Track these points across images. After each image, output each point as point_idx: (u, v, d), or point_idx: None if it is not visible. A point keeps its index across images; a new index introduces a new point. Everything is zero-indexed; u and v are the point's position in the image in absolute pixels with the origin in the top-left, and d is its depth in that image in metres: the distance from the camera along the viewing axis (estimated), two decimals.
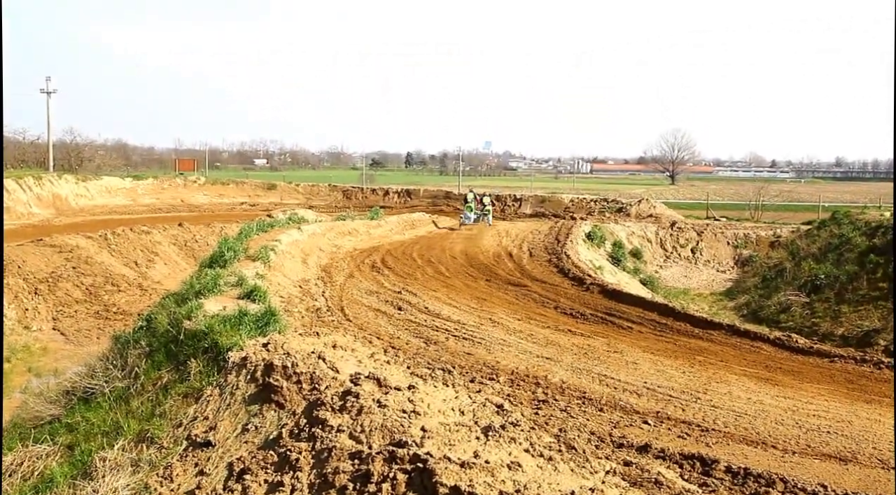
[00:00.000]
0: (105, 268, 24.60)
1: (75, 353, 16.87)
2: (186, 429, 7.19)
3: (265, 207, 43.09)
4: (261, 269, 14.61)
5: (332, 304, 14.98)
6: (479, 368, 10.81)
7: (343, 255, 21.71)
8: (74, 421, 8.70)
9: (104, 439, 7.64)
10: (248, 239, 18.89)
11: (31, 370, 15.72)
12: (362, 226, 27.37)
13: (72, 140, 66.87)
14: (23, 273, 21.98)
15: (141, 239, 28.19)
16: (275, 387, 7.02)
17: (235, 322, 9.08)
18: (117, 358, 9.93)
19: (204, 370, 8.17)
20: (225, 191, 50.14)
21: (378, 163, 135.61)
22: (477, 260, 22.16)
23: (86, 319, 21.18)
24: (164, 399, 8.05)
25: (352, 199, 49.11)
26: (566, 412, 8.98)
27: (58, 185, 40.80)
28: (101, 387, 9.27)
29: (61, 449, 8.06)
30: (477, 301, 16.23)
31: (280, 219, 25.44)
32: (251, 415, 6.95)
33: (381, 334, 12.74)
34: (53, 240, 25.38)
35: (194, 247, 29.32)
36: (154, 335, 9.82)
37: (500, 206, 43.83)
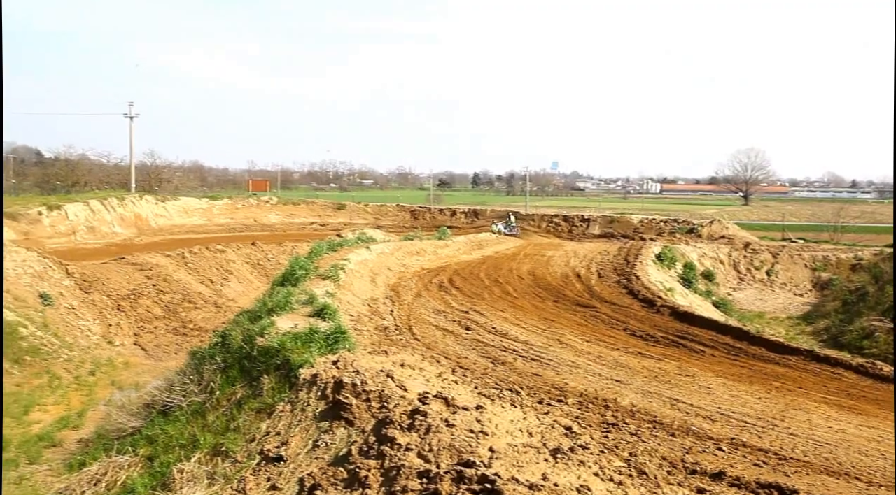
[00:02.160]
0: (182, 285, 25.37)
1: (155, 368, 17.45)
2: (259, 444, 7.35)
3: (335, 227, 43.82)
4: (331, 288, 14.86)
5: (400, 323, 15.09)
6: (547, 389, 10.73)
7: (411, 275, 21.88)
8: (154, 433, 8.99)
9: (182, 451, 7.88)
10: (319, 258, 19.24)
11: (114, 383, 16.30)
12: (430, 246, 27.55)
13: (152, 162, 69.47)
14: (107, 290, 22.88)
15: (216, 257, 29.00)
16: (344, 405, 7.13)
17: (306, 339, 9.26)
18: (194, 373, 10.24)
19: (276, 386, 8.35)
20: (296, 211, 51.17)
21: (445, 183, 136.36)
22: (545, 280, 22.03)
23: (164, 335, 21.90)
24: (238, 413, 8.25)
25: (419, 219, 49.49)
26: (637, 436, 8.82)
27: (139, 206, 42.34)
28: (178, 401, 9.57)
29: (142, 459, 8.35)
30: (545, 321, 16.13)
31: (349, 239, 25.85)
32: (321, 432, 7.07)
33: (449, 353, 12.77)
34: (135, 259, 26.36)
35: (267, 266, 29.98)
36: (229, 351, 10.08)
37: (568, 227, 43.55)
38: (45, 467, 10.71)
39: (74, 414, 13.80)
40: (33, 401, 14.66)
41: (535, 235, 41.52)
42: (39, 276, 21.48)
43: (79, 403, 14.76)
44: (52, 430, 12.72)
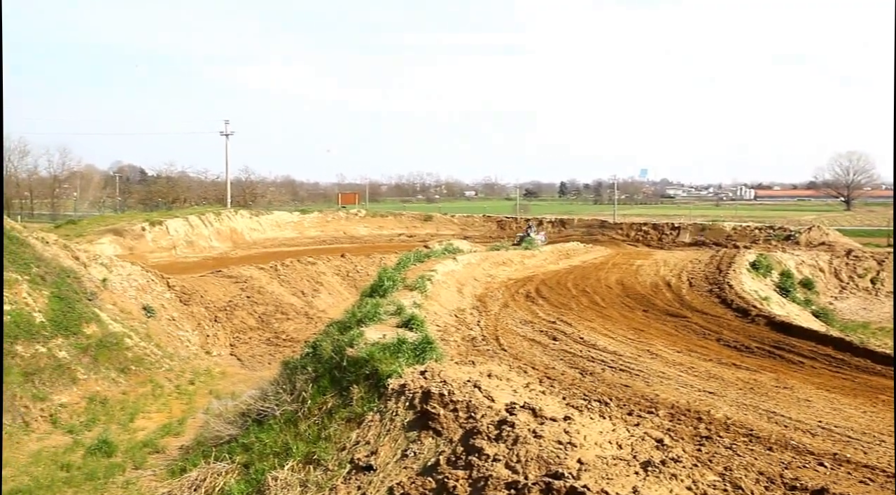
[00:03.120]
0: (275, 297, 26.12)
1: (249, 377, 18.00)
2: (350, 453, 7.48)
3: (422, 238, 44.28)
4: (418, 299, 15.00)
5: (487, 334, 15.10)
6: (636, 401, 10.52)
7: (497, 285, 21.87)
8: (249, 441, 9.28)
9: (275, 459, 8.11)
10: (406, 269, 19.48)
11: (212, 392, 16.89)
12: (516, 256, 27.49)
13: (247, 178, 72.07)
14: (205, 302, 23.79)
15: (307, 269, 29.74)
16: (432, 415, 7.18)
17: (394, 350, 9.37)
18: (286, 382, 10.51)
19: (365, 396, 8.48)
20: (384, 223, 51.99)
21: (532, 193, 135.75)
22: (633, 290, 21.64)
23: (258, 345, 22.59)
24: (329, 423, 8.43)
25: (506, 230, 49.47)
26: (731, 450, 8.55)
27: (234, 220, 43.89)
28: (272, 410, 9.84)
29: (238, 467, 8.62)
30: (634, 332, 15.84)
31: (436, 250, 26.06)
32: (410, 441, 7.13)
33: (536, 364, 12.69)
34: (230, 272, 27.32)
35: (356, 277, 30.53)
36: (319, 361, 10.30)
37: (657, 235, 42.70)
38: (150, 472, 11.19)
39: (176, 421, 14.36)
40: (138, 409, 15.35)
41: (624, 244, 40.87)
42: (143, 289, 22.53)
43: (179, 411, 15.37)
44: (155, 437, 13.27)
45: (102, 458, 12.02)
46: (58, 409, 14.38)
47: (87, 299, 18.61)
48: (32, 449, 12.64)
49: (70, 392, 15.13)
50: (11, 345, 14.96)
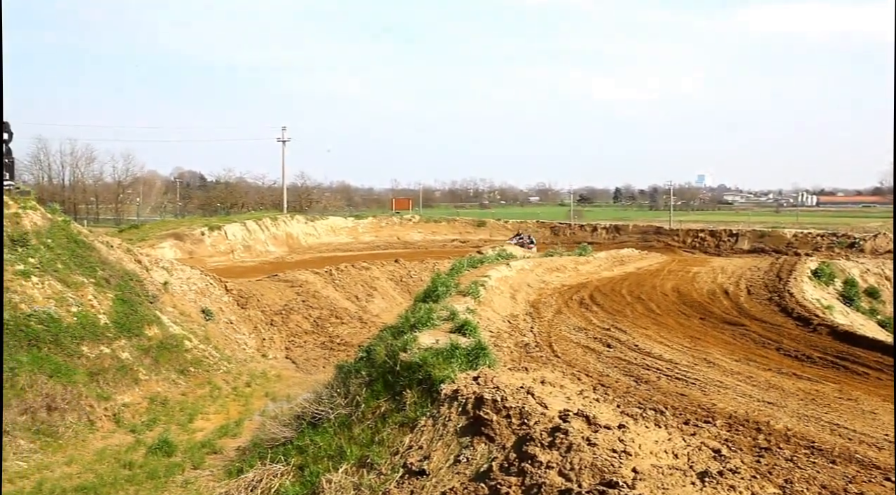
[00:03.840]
0: (330, 301, 26.44)
1: (304, 380, 18.25)
2: (403, 457, 7.53)
3: (475, 244, 44.29)
4: (471, 304, 15.02)
5: (540, 340, 15.03)
6: (693, 410, 10.34)
7: (551, 291, 21.75)
8: (304, 443, 9.40)
9: (330, 462, 8.20)
10: (459, 275, 19.52)
11: (268, 395, 17.17)
12: (570, 263, 27.30)
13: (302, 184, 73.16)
14: (261, 305, 24.22)
15: (361, 274, 30.02)
16: (485, 421, 7.18)
17: (447, 355, 9.39)
18: (340, 386, 10.63)
19: (418, 401, 8.52)
20: (437, 229, 52.18)
21: (586, 198, 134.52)
22: (690, 297, 21.29)
23: (313, 349, 22.88)
24: (382, 427, 8.49)
25: (559, 236, 49.20)
26: (792, 462, 8.34)
27: (290, 225, 44.58)
28: (326, 413, 9.96)
29: (293, 468, 8.75)
30: (690, 340, 15.58)
31: (489, 256, 26.05)
32: (462, 447, 7.14)
33: (590, 371, 12.58)
34: (286, 276, 27.76)
35: (409, 283, 30.69)
36: (373, 365, 10.40)
37: (714, 242, 41.93)
38: (208, 472, 11.43)
39: (233, 423, 14.64)
40: (197, 410, 15.70)
41: (680, 251, 40.23)
42: (202, 293, 23.04)
43: (236, 413, 15.66)
44: (213, 438, 13.55)
45: (163, 457, 12.32)
46: (121, 409, 14.80)
47: (148, 302, 19.12)
48: (97, 447, 13.03)
49: (132, 392, 15.56)
50: (78, 345, 15.46)
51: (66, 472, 11.68)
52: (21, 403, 13.08)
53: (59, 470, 11.75)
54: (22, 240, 17.02)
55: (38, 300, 15.77)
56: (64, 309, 16.02)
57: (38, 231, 17.94)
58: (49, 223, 18.74)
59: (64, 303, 16.21)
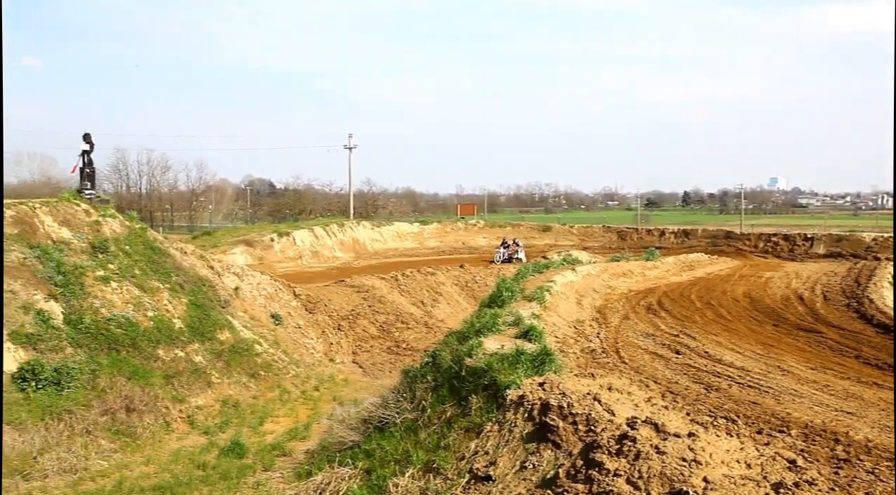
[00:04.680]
0: (396, 306, 26.65)
1: (371, 385, 18.45)
2: (469, 463, 7.56)
3: (540, 249, 44.03)
4: (536, 309, 14.96)
5: (606, 346, 14.87)
6: (766, 419, 10.07)
7: (618, 297, 21.48)
8: (371, 447, 9.52)
9: (396, 466, 8.28)
10: (525, 280, 19.46)
11: (336, 398, 17.41)
12: (637, 268, 26.91)
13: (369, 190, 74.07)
14: (328, 310, 24.59)
15: (427, 279, 30.18)
16: (551, 427, 7.15)
17: (513, 360, 9.38)
18: (406, 391, 10.72)
19: (484, 406, 8.54)
20: (502, 234, 52.03)
21: (653, 202, 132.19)
22: (762, 303, 20.74)
23: (380, 354, 23.11)
24: (448, 432, 8.53)
25: (626, 240, 48.51)
26: (873, 474, 8.03)
27: (357, 231, 45.16)
28: (393, 418, 10.06)
29: (360, 472, 8.86)
30: (763, 347, 15.17)
31: (555, 261, 25.91)
32: (528, 453, 7.13)
33: (658, 378, 12.37)
34: (353, 281, 28.11)
35: (474, 288, 30.70)
36: (439, 370, 10.45)
37: (788, 246, 40.72)
38: (278, 474, 11.66)
39: (302, 426, 14.89)
40: (267, 413, 16.03)
41: (752, 256, 39.22)
42: (271, 298, 23.54)
43: (305, 416, 15.92)
44: (283, 440, 13.81)
45: (235, 459, 12.61)
46: (195, 411, 15.22)
47: (220, 307, 19.63)
48: (172, 448, 13.44)
49: (206, 395, 15.99)
50: (154, 349, 15.98)
51: (144, 472, 12.08)
52: (102, 404, 13.59)
53: (137, 470, 12.16)
54: (102, 247, 17.69)
55: (117, 305, 16.36)
56: (141, 313, 16.58)
57: (116, 238, 18.63)
58: (127, 230, 19.43)
59: (141, 307, 16.78)
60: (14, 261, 15.46)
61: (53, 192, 27.64)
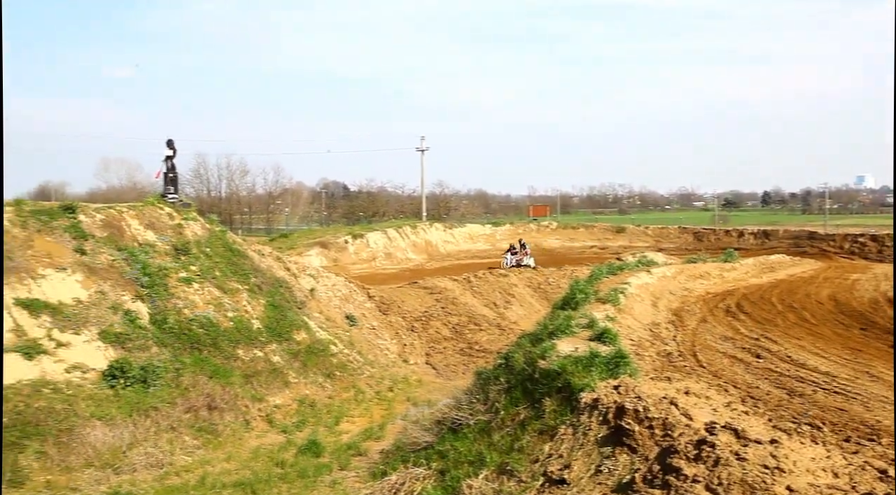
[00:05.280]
0: (468, 308, 26.71)
1: (444, 386, 18.52)
2: (542, 466, 7.51)
3: (614, 251, 43.47)
4: (610, 312, 14.76)
5: (683, 349, 14.56)
6: (854, 427, 9.68)
7: (694, 299, 21.00)
8: (445, 448, 9.56)
9: (470, 467, 8.30)
10: (598, 281, 19.23)
11: (409, 399, 17.56)
12: (715, 269, 26.27)
13: (441, 192, 74.47)
14: (402, 312, 24.84)
15: (499, 281, 30.16)
16: (626, 431, 7.05)
17: (587, 363, 9.28)
18: (479, 392, 10.73)
19: (557, 409, 8.47)
20: (575, 235, 51.65)
21: (731, 203, 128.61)
22: (849, 306, 19.95)
23: (452, 355, 23.19)
24: (521, 434, 8.50)
25: (703, 241, 47.42)
26: None
27: (429, 233, 45.48)
28: (466, 419, 10.08)
29: (434, 473, 8.92)
30: (850, 351, 14.58)
31: (629, 263, 25.52)
32: (603, 457, 7.05)
33: (738, 382, 12.04)
34: (425, 283, 28.32)
35: (547, 290, 30.52)
36: (511, 372, 10.42)
37: (877, 247, 39.10)
38: (353, 474, 11.83)
39: (376, 426, 15.07)
40: (342, 413, 16.29)
41: (837, 257, 37.80)
42: (346, 299, 23.91)
43: (380, 416, 16.11)
44: (358, 440, 14.00)
45: (312, 458, 12.85)
46: (273, 410, 15.59)
47: (297, 308, 20.05)
48: (252, 446, 13.80)
49: (283, 394, 16.35)
50: (234, 348, 16.44)
51: (226, 468, 12.43)
52: (185, 402, 14.06)
53: (219, 466, 12.52)
54: (184, 249, 18.30)
55: (199, 305, 16.89)
56: (221, 314, 17.08)
57: (198, 240, 19.24)
58: (208, 233, 20.05)
59: (221, 308, 17.28)
60: (103, 262, 16.14)
61: (139, 197, 28.78)
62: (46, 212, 16.38)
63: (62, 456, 11.76)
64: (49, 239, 15.73)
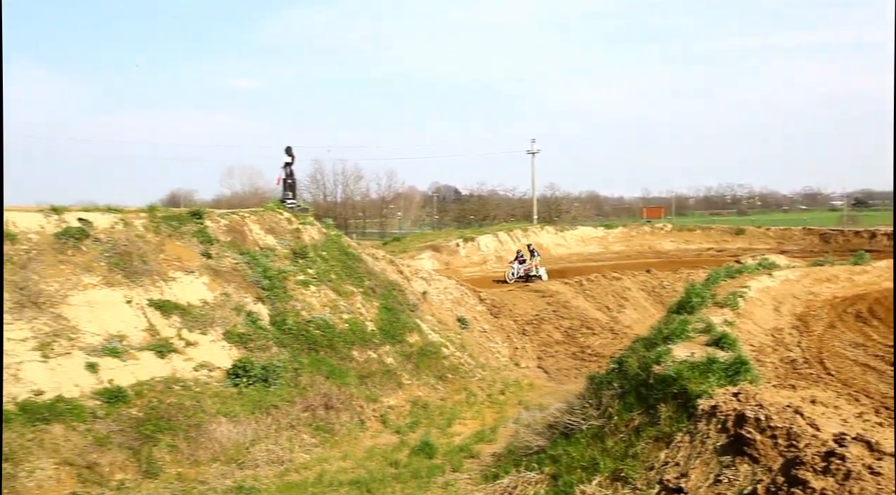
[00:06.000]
0: (580, 312, 26.41)
1: (556, 390, 18.39)
2: (658, 473, 7.34)
3: (733, 253, 41.82)
4: (729, 316, 14.23)
5: (808, 356, 13.86)
6: None
7: (821, 303, 19.93)
8: (557, 453, 9.48)
9: (583, 473, 8.20)
10: (716, 285, 18.57)
11: (521, 403, 17.52)
12: (843, 272, 24.83)
13: (551, 194, 73.91)
14: (513, 315, 24.83)
15: (612, 285, 29.65)
16: (747, 440, 6.79)
17: (704, 369, 8.99)
18: (592, 397, 10.58)
19: (673, 415, 8.25)
20: (691, 238, 50.01)
21: (862, 202, 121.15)
22: None
23: (564, 359, 22.98)
24: (635, 440, 8.33)
25: (830, 243, 44.90)
26: None
27: (540, 236, 45.16)
28: (578, 424, 9.96)
29: (547, 477, 8.86)
30: None
31: (749, 265, 24.49)
32: (723, 466, 6.82)
33: (871, 392, 11.35)
34: (536, 286, 28.20)
35: (661, 293, 29.79)
36: (625, 377, 10.22)
37: None
38: (465, 476, 11.90)
39: (488, 429, 15.12)
40: (455, 415, 16.43)
41: None
42: (457, 302, 24.12)
43: (491, 419, 16.15)
44: (470, 443, 14.08)
45: (425, 459, 13.03)
46: (387, 411, 15.91)
47: (409, 310, 20.39)
48: (367, 445, 14.13)
49: (396, 395, 16.67)
50: (349, 350, 16.90)
51: (342, 467, 12.78)
52: (304, 401, 14.57)
53: (335, 464, 12.89)
54: (302, 253, 18.97)
55: (316, 307, 17.46)
56: (337, 316, 17.59)
57: (315, 244, 19.91)
58: (324, 237, 20.71)
59: (337, 310, 17.80)
60: (227, 266, 16.95)
61: (260, 202, 30.01)
62: (176, 218, 17.37)
63: (191, 451, 12.43)
64: (179, 243, 16.67)
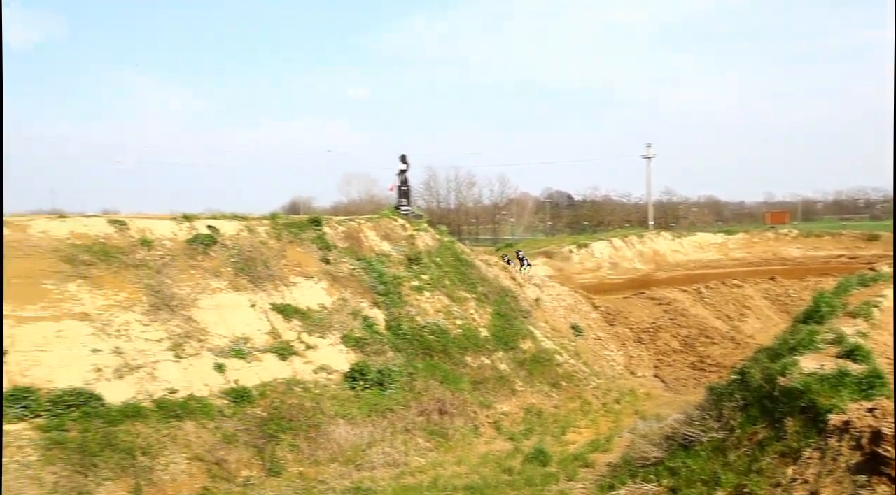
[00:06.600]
0: (699, 320, 25.59)
1: (673, 400, 17.90)
2: (785, 490, 7.04)
3: (866, 260, 39.37)
4: (862, 327, 13.42)
5: None
6: None
7: None
8: (676, 465, 9.23)
9: (703, 487, 7.96)
10: (847, 293, 17.56)
11: (637, 412, 17.16)
12: None
13: (668, 200, 71.99)
14: (628, 323, 24.36)
15: (733, 292, 28.60)
16: (885, 459, 6.41)
17: (835, 382, 8.54)
18: (712, 409, 10.24)
19: (801, 430, 7.89)
20: (819, 244, 47.48)
21: None
22: None
23: (682, 369, 22.34)
24: (760, 455, 8.01)
25: None
26: None
27: (656, 242, 44.07)
28: (698, 436, 9.66)
29: (665, 490, 8.65)
30: None
31: (884, 273, 23.01)
32: (857, 486, 6.46)
33: None
34: (653, 293, 27.55)
35: (787, 302, 28.52)
36: (748, 389, 9.84)
37: None
38: (580, 485, 11.76)
39: (603, 438, 14.88)
40: (569, 423, 16.27)
41: None
42: (571, 309, 23.89)
43: (607, 428, 15.89)
44: (584, 451, 13.90)
45: (539, 466, 12.95)
46: (500, 417, 15.94)
47: (522, 317, 20.35)
48: (481, 451, 14.20)
49: (510, 402, 16.67)
50: (462, 355, 17.04)
51: (456, 471, 12.89)
52: (418, 405, 14.81)
53: (450, 469, 13.02)
54: (416, 259, 19.30)
55: (430, 313, 17.72)
56: (450, 321, 17.78)
57: (429, 251, 20.21)
58: (438, 243, 20.99)
59: (450, 316, 17.99)
60: (344, 271, 17.46)
61: (375, 209, 30.74)
62: (296, 225, 18.06)
63: (311, 451, 12.87)
64: (299, 249, 17.32)
